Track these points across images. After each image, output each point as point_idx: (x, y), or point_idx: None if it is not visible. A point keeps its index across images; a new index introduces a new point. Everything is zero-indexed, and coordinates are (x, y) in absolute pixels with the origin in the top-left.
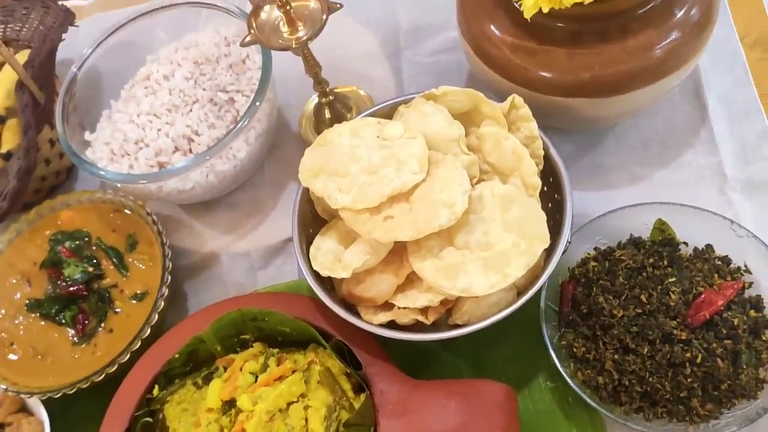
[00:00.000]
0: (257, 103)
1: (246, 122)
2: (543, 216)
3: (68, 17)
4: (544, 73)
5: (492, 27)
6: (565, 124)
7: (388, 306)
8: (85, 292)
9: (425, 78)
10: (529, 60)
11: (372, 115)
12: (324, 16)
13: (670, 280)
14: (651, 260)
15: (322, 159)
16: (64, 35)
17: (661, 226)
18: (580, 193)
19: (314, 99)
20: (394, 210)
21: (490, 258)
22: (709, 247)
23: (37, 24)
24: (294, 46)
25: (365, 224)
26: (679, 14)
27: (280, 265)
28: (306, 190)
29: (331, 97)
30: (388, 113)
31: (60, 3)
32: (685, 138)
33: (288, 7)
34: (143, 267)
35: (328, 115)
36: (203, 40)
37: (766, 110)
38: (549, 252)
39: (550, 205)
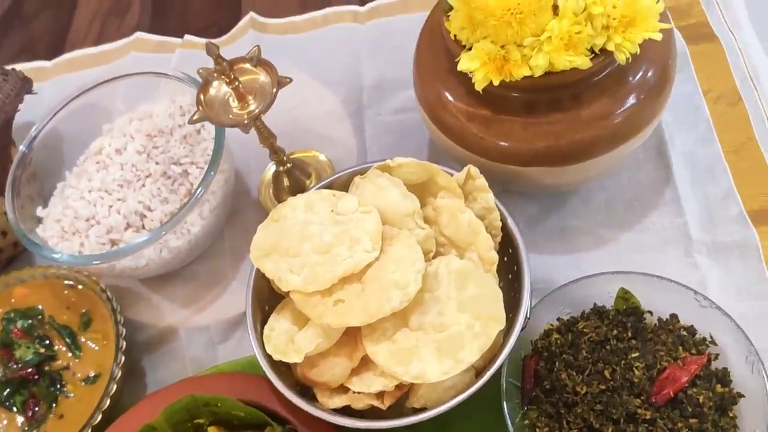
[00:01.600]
0: (211, 174)
1: (199, 196)
2: (499, 295)
3: (25, 86)
4: (500, 143)
5: (447, 95)
6: (527, 189)
7: (344, 388)
8: (36, 376)
9: (387, 137)
10: (484, 130)
11: (329, 185)
12: (274, 90)
13: (634, 355)
14: (615, 332)
15: (274, 237)
16: (20, 105)
17: (624, 295)
18: (545, 257)
19: (272, 166)
20: (346, 292)
21: (444, 341)
22: (673, 317)
23: None
24: (245, 121)
25: (316, 308)
26: (634, 80)
27: (240, 338)
28: None
29: (288, 165)
30: (347, 182)
31: (20, 68)
32: (650, 198)
33: (236, 84)
34: (96, 347)
35: (286, 182)
36: (158, 111)
37: (731, 168)
38: (508, 328)
39: (510, 276)
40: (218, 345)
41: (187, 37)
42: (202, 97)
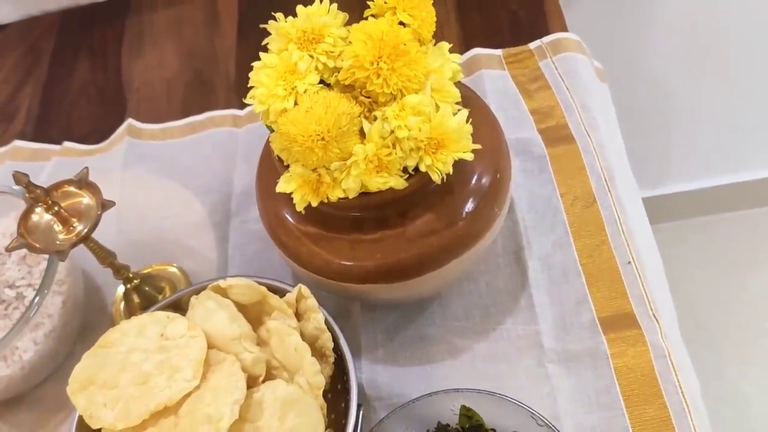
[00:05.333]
0: (36, 299)
1: (25, 323)
2: (321, 426)
3: None
4: (332, 261)
5: (284, 211)
6: (375, 302)
7: None
8: None
9: (252, 246)
10: (315, 247)
11: (176, 302)
12: (99, 212)
13: None
14: None
15: (95, 367)
16: None
17: (467, 413)
18: (399, 370)
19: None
20: (159, 428)
21: None
22: None
23: None
24: (63, 247)
25: None
26: (464, 190)
27: None
28: None
29: (136, 281)
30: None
31: None
32: (507, 305)
33: (56, 208)
34: None
35: (136, 300)
36: None
37: (585, 272)
38: None
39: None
40: None
41: (65, 143)
42: (23, 224)
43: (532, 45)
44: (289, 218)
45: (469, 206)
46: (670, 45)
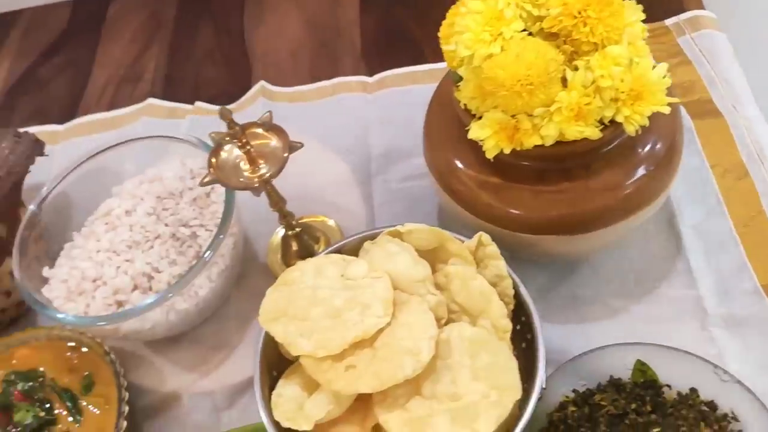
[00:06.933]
0: (220, 237)
1: (208, 259)
2: (514, 363)
3: (37, 148)
4: (511, 211)
5: (457, 162)
6: (536, 258)
7: None
8: None
9: (396, 205)
10: (494, 197)
11: (339, 249)
12: (285, 155)
13: (655, 430)
14: (633, 405)
15: (284, 301)
16: (31, 167)
17: (641, 368)
18: (556, 327)
19: (281, 231)
20: (358, 358)
21: (459, 410)
22: (693, 391)
23: (8, 153)
24: (256, 184)
25: (326, 373)
26: (643, 152)
27: (245, 404)
28: None
29: (297, 229)
30: (357, 247)
31: (32, 131)
32: (662, 270)
33: (248, 147)
34: (98, 411)
35: (295, 247)
36: (167, 173)
37: (743, 241)
38: (523, 399)
39: (524, 345)
40: (222, 412)
41: (197, 103)
42: (213, 160)
43: (669, 22)
44: (465, 168)
45: (650, 165)
46: None
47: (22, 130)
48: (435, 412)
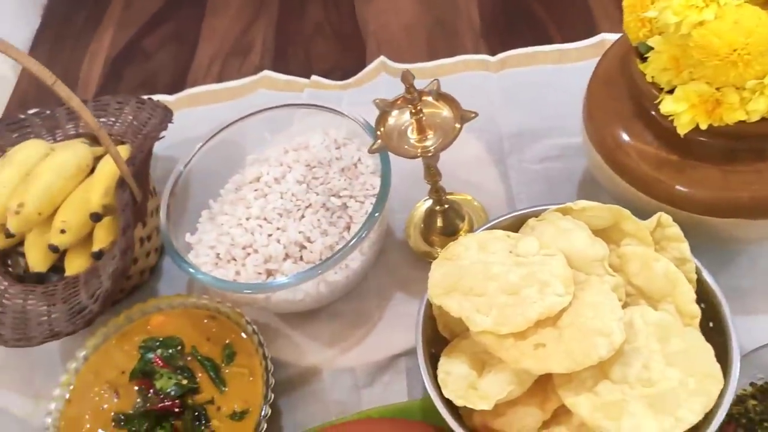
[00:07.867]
0: (376, 214)
1: (365, 233)
2: (710, 349)
3: (167, 115)
4: (692, 191)
5: (627, 137)
6: (700, 242)
7: None
8: (178, 408)
9: (536, 186)
10: (672, 175)
11: (492, 227)
12: (457, 125)
13: None
14: None
15: (453, 275)
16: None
17: None
18: None
19: (422, 206)
20: (543, 336)
21: (656, 397)
22: None
23: (131, 119)
24: (419, 154)
25: (510, 351)
26: None
27: (387, 383)
28: (429, 306)
29: (446, 206)
30: (508, 227)
31: (149, 98)
32: None
33: (421, 115)
34: (242, 382)
35: (439, 223)
36: (313, 142)
37: None
38: None
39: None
40: (363, 389)
41: (314, 77)
42: (381, 126)
43: None
44: (637, 143)
45: None
46: None
47: (145, 97)
48: (629, 398)
